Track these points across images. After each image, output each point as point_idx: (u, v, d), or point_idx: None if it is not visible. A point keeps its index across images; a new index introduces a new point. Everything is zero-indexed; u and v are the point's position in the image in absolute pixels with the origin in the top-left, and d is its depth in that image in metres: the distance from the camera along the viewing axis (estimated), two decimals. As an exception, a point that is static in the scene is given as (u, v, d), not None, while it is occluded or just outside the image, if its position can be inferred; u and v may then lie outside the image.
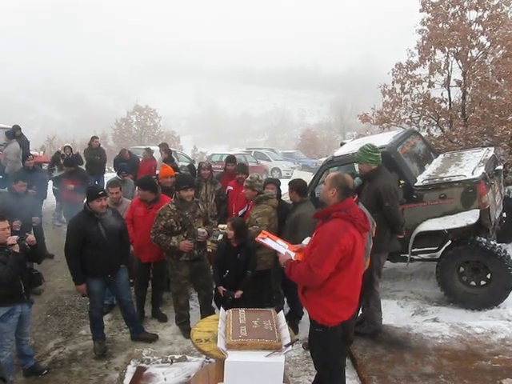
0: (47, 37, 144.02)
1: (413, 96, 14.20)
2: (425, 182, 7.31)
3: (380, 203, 5.80)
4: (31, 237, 5.64)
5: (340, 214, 4.01)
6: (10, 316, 5.38)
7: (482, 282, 7.02)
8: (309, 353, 4.98)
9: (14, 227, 5.97)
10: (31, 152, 13.76)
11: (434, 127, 14.29)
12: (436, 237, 7.34)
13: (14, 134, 13.65)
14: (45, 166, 14.42)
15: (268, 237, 4.67)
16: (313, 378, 4.96)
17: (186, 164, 17.23)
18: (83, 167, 13.04)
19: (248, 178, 6.80)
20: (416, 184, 7.27)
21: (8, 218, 5.58)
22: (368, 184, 6.05)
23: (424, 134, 12.97)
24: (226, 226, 6.78)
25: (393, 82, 14.46)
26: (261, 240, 4.66)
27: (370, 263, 4.85)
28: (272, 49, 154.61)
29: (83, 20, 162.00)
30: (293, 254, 4.31)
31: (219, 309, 6.07)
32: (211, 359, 4.94)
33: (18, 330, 5.56)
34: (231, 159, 9.47)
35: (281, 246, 4.50)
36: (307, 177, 8.21)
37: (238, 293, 6.14)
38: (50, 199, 12.61)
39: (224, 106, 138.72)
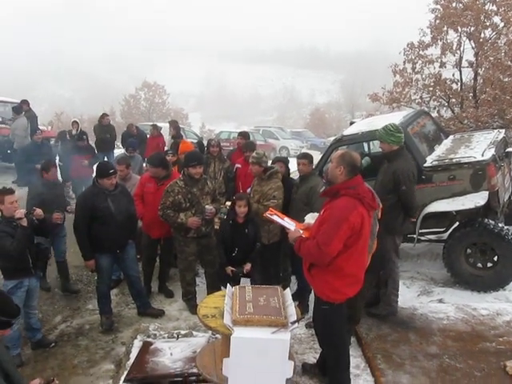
0: (60, 16, 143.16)
1: (424, 76, 14.11)
2: (434, 162, 7.23)
3: (397, 185, 5.74)
4: (39, 211, 5.67)
5: (348, 192, 4.00)
6: (17, 289, 5.45)
7: (489, 264, 7.01)
8: (314, 331, 5.00)
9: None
10: (39, 127, 13.75)
11: (445, 108, 14.22)
12: (444, 218, 7.31)
13: (22, 108, 13.61)
14: (52, 141, 14.40)
15: (275, 214, 4.68)
16: (318, 356, 5.00)
17: (195, 141, 17.20)
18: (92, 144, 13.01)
19: (254, 154, 6.71)
20: (425, 165, 7.20)
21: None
22: (387, 164, 5.99)
23: (434, 114, 12.89)
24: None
25: (404, 62, 14.37)
26: (269, 216, 4.67)
27: (377, 246, 4.83)
28: (283, 29, 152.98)
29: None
30: (301, 232, 4.31)
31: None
32: (217, 335, 4.97)
33: (26, 303, 5.62)
34: (243, 134, 9.43)
35: (288, 224, 4.51)
36: (315, 156, 8.17)
37: (247, 267, 6.13)
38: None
39: (233, 83, 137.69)
